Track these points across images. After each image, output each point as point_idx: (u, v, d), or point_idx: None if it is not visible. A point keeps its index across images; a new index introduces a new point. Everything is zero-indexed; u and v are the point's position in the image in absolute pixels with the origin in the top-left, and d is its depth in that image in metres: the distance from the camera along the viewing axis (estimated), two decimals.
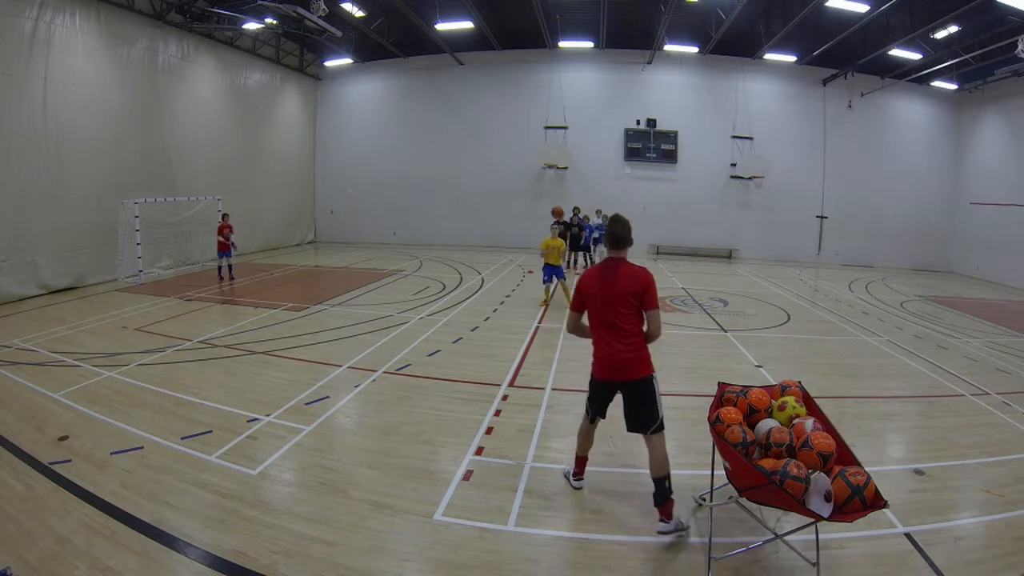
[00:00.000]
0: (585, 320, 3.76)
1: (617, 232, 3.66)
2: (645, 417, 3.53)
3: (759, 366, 7.11)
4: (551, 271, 10.02)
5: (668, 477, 3.49)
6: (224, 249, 12.37)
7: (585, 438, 3.99)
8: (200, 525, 3.49)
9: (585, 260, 15.70)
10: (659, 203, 19.26)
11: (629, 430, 3.62)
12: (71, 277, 11.48)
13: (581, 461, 4.06)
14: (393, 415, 5.37)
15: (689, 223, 19.26)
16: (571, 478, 4.07)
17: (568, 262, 15.05)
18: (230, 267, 12.77)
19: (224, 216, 12.53)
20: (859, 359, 7.86)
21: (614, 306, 3.53)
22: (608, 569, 3.21)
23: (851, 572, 3.19)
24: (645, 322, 3.57)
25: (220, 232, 12.35)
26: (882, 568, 3.23)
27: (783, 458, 2.96)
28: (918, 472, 4.42)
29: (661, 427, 3.53)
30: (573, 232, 14.88)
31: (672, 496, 3.49)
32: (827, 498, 2.66)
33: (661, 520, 3.48)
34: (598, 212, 16.28)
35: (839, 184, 18.98)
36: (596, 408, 3.78)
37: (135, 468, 4.18)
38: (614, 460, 4.48)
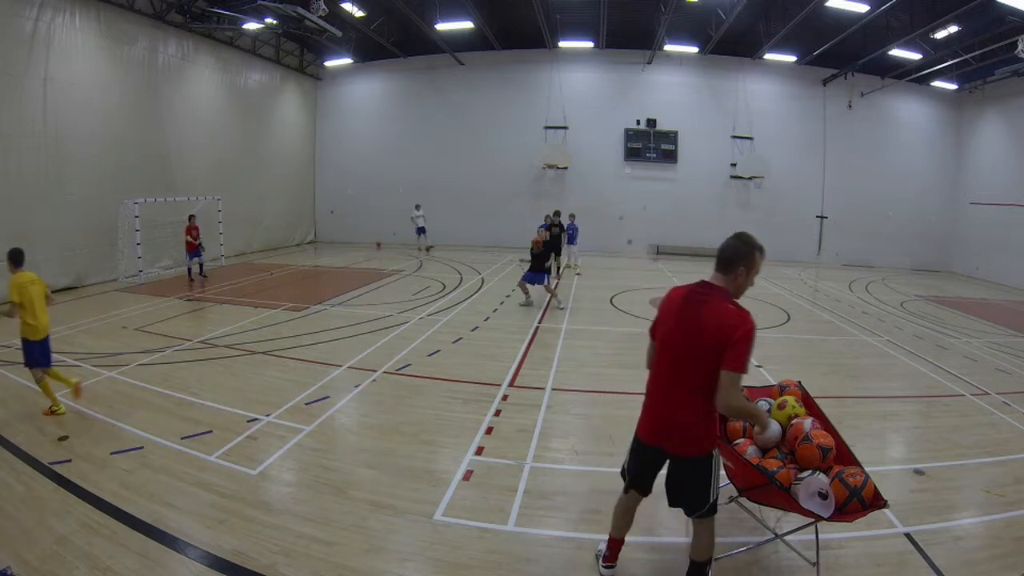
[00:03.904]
0: None
1: (721, 249, 2.70)
2: (692, 496, 2.75)
3: (759, 366, 7.10)
4: None
5: (709, 563, 2.86)
6: (192, 250, 12.23)
7: (622, 514, 3.06)
8: (200, 525, 3.49)
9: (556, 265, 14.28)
10: (659, 203, 19.26)
11: (671, 504, 2.86)
12: (71, 277, 11.47)
13: (615, 544, 3.10)
14: (393, 415, 5.37)
15: (689, 223, 19.24)
16: (600, 563, 3.15)
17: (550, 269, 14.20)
18: (201, 267, 12.70)
19: (191, 218, 12.35)
20: (859, 359, 7.86)
21: (683, 355, 2.63)
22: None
23: (851, 572, 3.19)
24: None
25: (188, 233, 12.17)
26: (882, 568, 3.23)
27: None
28: (918, 472, 4.42)
29: (712, 511, 2.77)
30: (554, 233, 13.69)
31: None
32: (822, 496, 2.66)
33: None
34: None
35: (839, 184, 18.98)
36: (633, 475, 2.92)
37: (135, 468, 4.18)
38: (614, 460, 4.48)
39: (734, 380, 2.50)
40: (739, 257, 2.62)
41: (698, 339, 2.57)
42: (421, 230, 18.49)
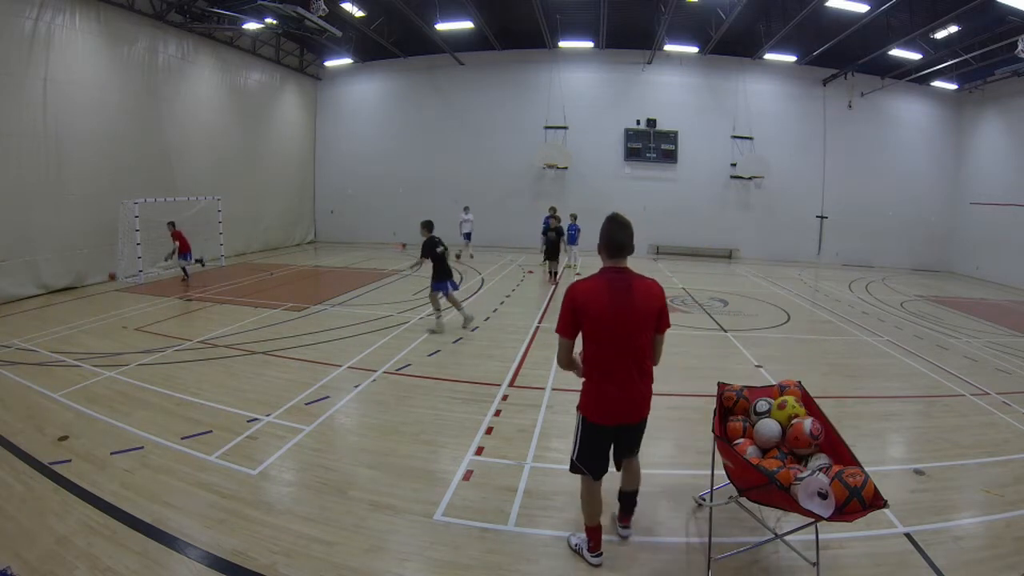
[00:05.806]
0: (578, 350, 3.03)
1: (619, 239, 2.94)
2: (634, 444, 3.25)
3: (759, 366, 7.10)
4: None
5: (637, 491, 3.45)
6: (186, 251, 12.00)
7: (594, 501, 3.19)
8: (200, 525, 3.49)
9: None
10: (659, 203, 19.24)
11: (625, 458, 3.31)
12: (71, 277, 11.46)
13: (595, 532, 3.22)
14: (393, 415, 5.37)
15: (689, 223, 19.25)
16: (587, 553, 3.23)
17: (549, 272, 13.93)
18: (184, 269, 12.42)
19: (171, 224, 12.01)
20: (859, 359, 7.86)
21: (635, 334, 2.91)
22: (608, 569, 3.21)
23: (851, 572, 3.19)
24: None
25: (177, 238, 11.87)
26: (882, 568, 3.23)
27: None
28: (918, 472, 4.43)
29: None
30: (551, 238, 13.57)
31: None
32: (822, 496, 2.66)
33: (623, 526, 3.49)
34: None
35: (839, 184, 18.97)
36: (599, 462, 3.12)
37: (135, 468, 4.18)
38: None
39: (664, 337, 3.07)
40: (632, 244, 3.00)
41: (643, 317, 2.91)
42: (468, 235, 17.20)
